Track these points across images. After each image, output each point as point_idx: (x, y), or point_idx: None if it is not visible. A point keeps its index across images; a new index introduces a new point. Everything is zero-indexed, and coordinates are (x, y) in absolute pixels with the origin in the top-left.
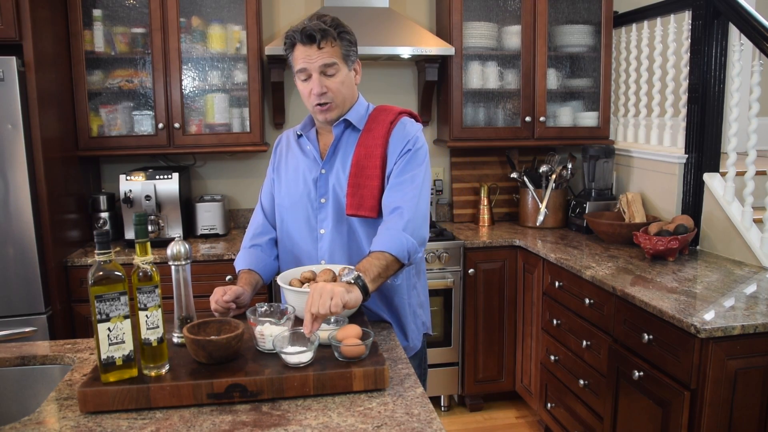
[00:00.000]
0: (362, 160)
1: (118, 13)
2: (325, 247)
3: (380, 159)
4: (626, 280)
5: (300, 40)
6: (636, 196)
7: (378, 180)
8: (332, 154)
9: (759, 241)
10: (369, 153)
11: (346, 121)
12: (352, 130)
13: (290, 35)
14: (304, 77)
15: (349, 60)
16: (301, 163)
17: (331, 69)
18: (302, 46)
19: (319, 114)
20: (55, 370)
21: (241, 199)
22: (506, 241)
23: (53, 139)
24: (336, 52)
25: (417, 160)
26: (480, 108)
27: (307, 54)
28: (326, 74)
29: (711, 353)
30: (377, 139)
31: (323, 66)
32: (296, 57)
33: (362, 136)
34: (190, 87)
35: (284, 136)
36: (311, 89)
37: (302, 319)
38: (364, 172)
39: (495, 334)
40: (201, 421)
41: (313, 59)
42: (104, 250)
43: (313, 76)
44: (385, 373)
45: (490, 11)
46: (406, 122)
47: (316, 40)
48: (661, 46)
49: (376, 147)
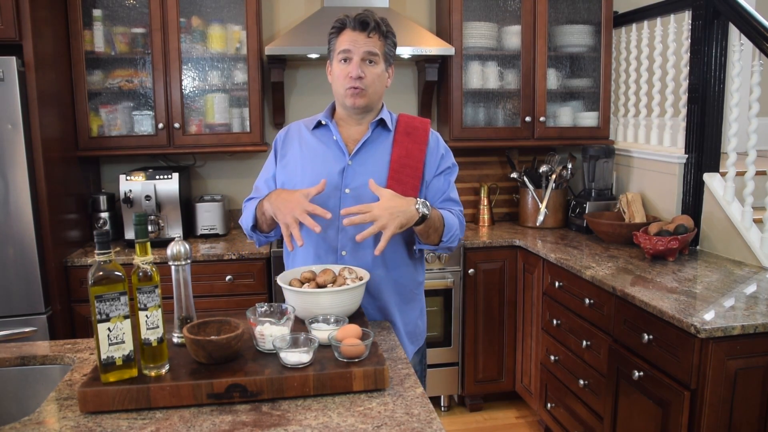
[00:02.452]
0: (402, 159)
1: (118, 13)
2: (346, 239)
3: (422, 163)
4: (626, 280)
5: (351, 25)
6: (636, 196)
7: (418, 180)
8: (361, 147)
9: (759, 241)
10: (410, 154)
11: (381, 119)
12: (382, 129)
13: (341, 19)
14: (343, 57)
15: (388, 60)
16: (321, 153)
17: (374, 58)
18: (351, 32)
19: (350, 98)
20: (55, 370)
21: (241, 199)
22: (506, 241)
23: (53, 139)
24: (380, 46)
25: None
26: (480, 108)
27: (355, 39)
28: (367, 62)
29: (711, 353)
30: (419, 144)
31: (367, 53)
32: (341, 40)
33: (399, 137)
34: (190, 87)
35: (293, 127)
36: (349, 72)
37: (302, 320)
38: (405, 171)
39: (495, 334)
40: (201, 421)
41: (360, 44)
42: (104, 250)
43: (354, 59)
44: (385, 373)
45: (490, 11)
46: (438, 135)
47: (368, 28)
48: (661, 46)
49: (418, 151)
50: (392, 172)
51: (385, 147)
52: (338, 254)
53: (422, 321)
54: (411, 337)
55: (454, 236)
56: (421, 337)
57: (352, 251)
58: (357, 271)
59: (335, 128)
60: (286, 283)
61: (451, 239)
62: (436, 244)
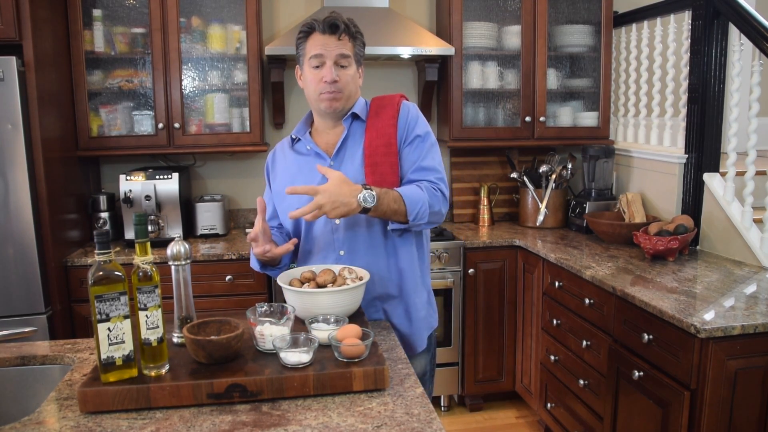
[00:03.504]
0: (374, 141)
1: (118, 13)
2: (342, 238)
3: (394, 137)
4: (626, 280)
5: (320, 28)
6: (636, 196)
7: (395, 156)
8: (341, 147)
9: (759, 241)
10: (380, 133)
11: (354, 114)
12: (358, 122)
13: (309, 23)
14: (316, 64)
15: (359, 60)
16: (303, 166)
17: (346, 61)
18: (321, 35)
19: (325, 102)
20: (55, 370)
21: (241, 199)
22: (506, 241)
23: (53, 139)
24: (350, 48)
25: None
26: (480, 108)
27: (325, 42)
28: (340, 65)
29: (711, 353)
30: (388, 119)
31: (339, 56)
32: (311, 44)
33: (370, 121)
34: (190, 87)
35: (278, 148)
36: (322, 76)
37: (302, 320)
38: (378, 151)
39: (495, 334)
40: (201, 421)
41: (331, 48)
42: (104, 250)
43: (327, 63)
44: (385, 373)
45: (490, 11)
46: (410, 105)
47: (338, 31)
48: (661, 46)
49: (387, 126)
50: (366, 158)
51: (361, 137)
52: (336, 254)
53: (432, 307)
54: (423, 322)
55: (421, 213)
56: (433, 320)
57: (350, 249)
58: (357, 271)
59: (308, 140)
60: (286, 283)
61: (419, 216)
62: (405, 223)
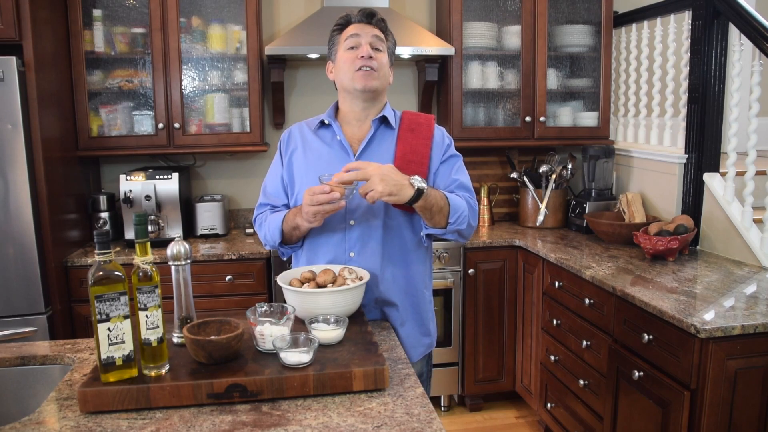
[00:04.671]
0: (407, 155)
1: (118, 13)
2: (355, 239)
3: (427, 158)
4: (626, 280)
5: (357, 18)
6: (636, 196)
7: (424, 176)
8: (366, 146)
9: (759, 241)
10: (414, 150)
11: (384, 117)
12: (386, 127)
13: (345, 16)
14: (353, 44)
15: (390, 57)
16: (325, 154)
17: (381, 45)
18: (356, 24)
19: (361, 80)
20: (55, 370)
21: (241, 199)
22: (506, 241)
23: (53, 139)
24: (384, 39)
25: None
26: (480, 108)
27: (361, 27)
28: (375, 47)
29: (711, 353)
30: (424, 139)
31: (376, 38)
32: (347, 31)
33: (403, 134)
34: (190, 87)
35: (295, 129)
36: (358, 54)
37: (302, 320)
38: (410, 167)
39: (495, 334)
40: (201, 421)
41: (368, 30)
42: (104, 250)
43: (363, 41)
44: (385, 374)
45: (490, 11)
46: (443, 130)
47: (374, 19)
48: (661, 46)
49: (422, 146)
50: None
51: (389, 145)
52: (346, 255)
53: (432, 322)
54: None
55: (461, 218)
56: (432, 337)
57: (361, 251)
58: (357, 271)
59: (338, 128)
60: (286, 283)
61: (459, 221)
62: (443, 226)
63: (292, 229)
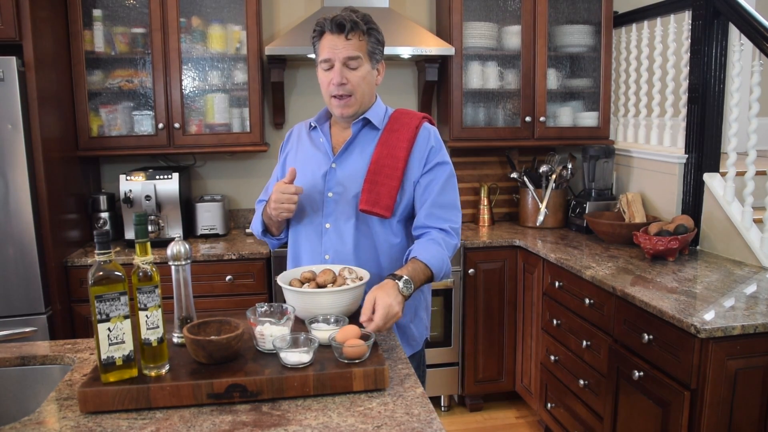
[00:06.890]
0: (383, 159)
1: (118, 13)
2: (330, 242)
3: (403, 161)
4: (626, 280)
5: (329, 28)
6: (636, 196)
7: (397, 181)
8: (345, 150)
9: (759, 241)
10: (391, 153)
11: (366, 119)
12: (370, 128)
13: (320, 23)
14: (327, 67)
15: (374, 58)
16: (311, 156)
17: (355, 62)
18: (330, 35)
19: (336, 108)
20: (55, 370)
21: (241, 199)
22: (506, 241)
23: (53, 139)
24: (362, 46)
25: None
26: (480, 108)
27: (334, 44)
28: (349, 67)
29: (711, 353)
30: (401, 141)
31: (347, 58)
32: (322, 46)
33: (384, 135)
34: (190, 87)
35: (296, 128)
36: (331, 79)
37: (302, 320)
38: (383, 171)
39: (495, 334)
40: (201, 421)
41: (339, 49)
42: (104, 250)
43: (336, 65)
44: (385, 374)
45: (490, 11)
46: (431, 130)
47: (345, 30)
48: (661, 46)
49: (399, 149)
50: (369, 174)
51: (371, 147)
52: (322, 257)
53: (416, 325)
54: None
55: (446, 272)
56: (414, 341)
57: (335, 255)
58: (357, 271)
59: (326, 130)
60: (286, 283)
61: (443, 276)
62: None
63: (269, 219)
